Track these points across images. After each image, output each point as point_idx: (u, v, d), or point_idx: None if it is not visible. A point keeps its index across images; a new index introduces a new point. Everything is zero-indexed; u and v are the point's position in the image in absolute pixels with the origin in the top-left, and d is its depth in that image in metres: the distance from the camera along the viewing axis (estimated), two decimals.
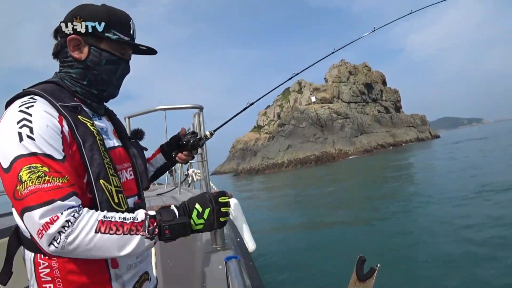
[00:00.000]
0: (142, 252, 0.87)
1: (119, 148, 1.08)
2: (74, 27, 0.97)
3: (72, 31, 0.97)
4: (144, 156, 1.28)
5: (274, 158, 58.13)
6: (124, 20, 1.03)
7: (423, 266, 5.54)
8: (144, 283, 1.07)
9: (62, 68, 1.03)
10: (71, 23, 0.97)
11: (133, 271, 1.01)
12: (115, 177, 0.95)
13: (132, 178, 1.11)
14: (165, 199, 4.29)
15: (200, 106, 2.86)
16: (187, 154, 1.42)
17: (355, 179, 22.43)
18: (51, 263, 0.88)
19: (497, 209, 8.11)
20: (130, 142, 1.20)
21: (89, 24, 0.97)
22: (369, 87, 72.23)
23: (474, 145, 33.64)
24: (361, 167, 31.37)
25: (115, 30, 1.00)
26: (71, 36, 0.97)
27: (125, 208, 0.97)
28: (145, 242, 0.84)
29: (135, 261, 1.02)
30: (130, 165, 1.12)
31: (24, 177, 0.76)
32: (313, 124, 61.29)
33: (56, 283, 0.88)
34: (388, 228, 8.33)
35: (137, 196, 1.12)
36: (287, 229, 10.36)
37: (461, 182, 12.79)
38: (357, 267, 1.60)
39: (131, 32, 1.05)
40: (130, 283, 1.00)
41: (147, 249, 0.87)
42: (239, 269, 1.32)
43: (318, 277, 5.83)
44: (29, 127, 0.81)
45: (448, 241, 6.46)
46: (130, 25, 1.04)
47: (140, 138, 1.33)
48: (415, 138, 66.43)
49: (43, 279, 0.88)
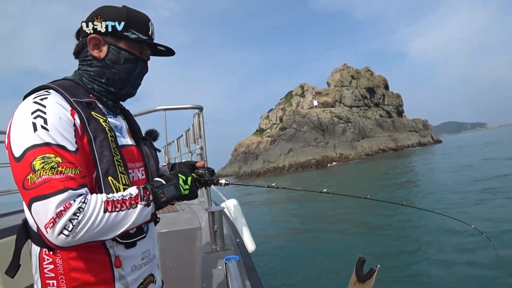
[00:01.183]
0: (142, 221, 0.90)
1: (132, 147, 1.09)
2: (95, 26, 1.00)
3: (92, 31, 1.00)
4: (157, 156, 1.28)
5: (275, 162, 58.09)
6: (143, 21, 1.06)
7: (423, 267, 5.52)
8: (149, 286, 1.06)
9: (81, 67, 1.05)
10: (92, 22, 1.00)
11: (137, 272, 1.01)
12: (124, 175, 0.96)
13: (143, 178, 1.12)
14: None
15: (200, 106, 2.87)
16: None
17: (353, 182, 22.38)
18: (55, 259, 0.88)
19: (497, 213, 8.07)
20: (144, 142, 1.20)
21: (109, 24, 1.00)
22: (371, 91, 72.24)
23: (474, 151, 33.54)
24: (359, 171, 31.35)
25: (134, 29, 1.02)
26: (91, 35, 1.00)
27: None
28: (144, 211, 0.89)
29: (140, 262, 1.02)
30: (143, 164, 1.13)
31: (37, 166, 0.77)
32: (314, 128, 61.29)
33: (59, 279, 0.88)
34: (388, 228, 8.31)
35: None
36: (287, 229, 10.35)
37: (457, 185, 12.77)
38: (356, 268, 1.59)
39: (150, 33, 1.07)
40: (134, 284, 1.00)
41: (146, 218, 0.91)
42: (238, 269, 1.32)
43: (318, 277, 5.82)
44: (43, 118, 0.83)
45: (449, 244, 6.42)
46: (149, 26, 1.07)
47: (155, 138, 1.32)
48: (417, 142, 66.32)
49: (47, 275, 0.89)
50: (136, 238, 0.99)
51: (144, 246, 1.03)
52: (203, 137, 3.13)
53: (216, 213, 2.31)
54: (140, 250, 1.01)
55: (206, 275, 1.93)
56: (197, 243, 2.45)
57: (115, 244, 0.94)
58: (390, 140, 63.25)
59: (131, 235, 0.97)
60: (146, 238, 1.04)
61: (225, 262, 1.38)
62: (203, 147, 3.11)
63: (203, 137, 3.13)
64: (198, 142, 3.29)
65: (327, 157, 54.11)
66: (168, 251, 2.44)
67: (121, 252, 0.95)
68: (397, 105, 75.74)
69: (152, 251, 1.09)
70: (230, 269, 1.32)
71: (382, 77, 77.64)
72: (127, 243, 0.96)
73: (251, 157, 68.25)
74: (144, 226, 1.04)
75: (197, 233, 2.47)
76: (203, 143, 3.13)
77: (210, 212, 2.33)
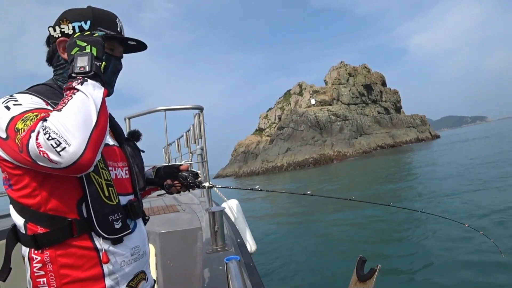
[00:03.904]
0: (100, 96, 0.88)
1: (114, 147, 1.11)
2: (62, 29, 1.02)
3: (60, 34, 1.02)
4: (141, 157, 1.31)
5: (273, 161, 58.13)
6: (110, 18, 1.07)
7: (423, 267, 5.53)
8: (140, 283, 1.08)
9: (55, 72, 1.08)
10: (59, 26, 1.02)
11: (127, 268, 1.02)
12: (105, 170, 0.98)
13: (127, 177, 1.13)
14: (166, 200, 4.29)
15: (201, 106, 2.87)
16: (179, 186, 1.42)
17: (351, 180, 22.44)
18: (43, 257, 0.90)
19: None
20: (127, 143, 1.22)
21: (75, 25, 1.01)
22: (369, 88, 72.25)
23: (470, 145, 33.63)
24: (356, 168, 31.42)
25: (101, 27, 1.03)
26: (60, 39, 1.02)
27: (116, 202, 0.99)
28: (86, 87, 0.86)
29: (129, 258, 1.03)
30: (127, 164, 1.15)
31: (19, 126, 0.80)
32: (311, 126, 61.27)
33: (49, 277, 0.90)
34: (389, 228, 8.32)
35: (133, 195, 1.14)
36: (287, 229, 10.36)
37: (452, 182, 12.82)
38: (357, 268, 1.60)
39: (118, 29, 1.09)
40: (125, 280, 1.01)
41: (100, 93, 0.88)
42: (239, 269, 1.32)
43: (319, 277, 5.82)
44: (15, 99, 0.88)
45: (449, 243, 6.44)
46: (116, 22, 1.08)
47: (137, 139, 1.35)
48: (415, 138, 66.39)
49: (36, 273, 0.90)
50: (122, 234, 1.00)
51: (132, 242, 1.05)
52: (203, 137, 3.14)
53: (217, 213, 2.32)
54: (128, 246, 1.03)
55: (206, 275, 1.94)
56: (198, 243, 2.46)
57: (101, 240, 0.95)
58: (388, 137, 63.32)
59: (118, 231, 0.98)
60: (134, 234, 1.06)
61: (226, 262, 1.38)
62: (203, 147, 3.12)
63: (203, 138, 3.14)
64: (199, 142, 3.29)
65: (324, 155, 54.14)
66: (168, 251, 2.45)
67: (108, 248, 0.97)
68: (394, 101, 75.78)
69: (142, 247, 1.10)
70: (230, 269, 1.33)
71: (379, 73, 77.64)
72: (113, 239, 0.97)
73: (250, 157, 68.21)
74: (130, 223, 1.05)
75: (197, 233, 2.48)
76: (204, 143, 3.13)
77: (211, 212, 2.34)
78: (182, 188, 1.42)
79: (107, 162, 1.02)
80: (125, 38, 1.10)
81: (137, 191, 1.16)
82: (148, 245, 1.18)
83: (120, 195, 1.03)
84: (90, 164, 0.82)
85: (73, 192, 0.92)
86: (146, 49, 1.18)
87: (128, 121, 3.03)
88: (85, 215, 0.93)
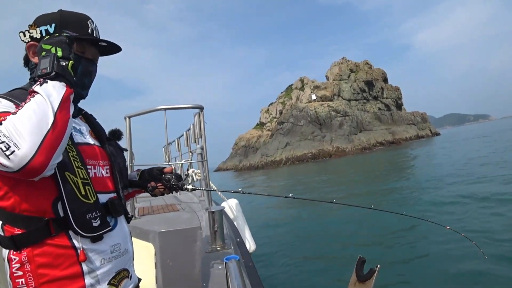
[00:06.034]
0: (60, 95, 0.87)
1: (93, 146, 1.12)
2: (31, 34, 1.03)
3: (30, 39, 1.04)
4: (123, 156, 1.32)
5: (272, 156, 58.23)
6: (79, 20, 1.09)
7: (423, 267, 5.54)
8: (123, 280, 1.08)
9: (31, 75, 1.09)
10: (28, 31, 1.04)
11: (107, 265, 1.02)
12: (82, 169, 0.98)
13: (108, 175, 1.15)
14: (166, 199, 4.30)
15: (201, 106, 2.86)
16: (163, 188, 1.43)
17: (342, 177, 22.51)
18: (21, 257, 0.90)
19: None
20: (109, 142, 1.24)
21: (42, 29, 1.03)
22: (370, 85, 72.05)
23: (467, 144, 33.59)
24: (353, 164, 31.45)
25: (68, 29, 1.04)
26: (29, 43, 1.04)
27: (93, 200, 0.99)
28: (46, 88, 0.85)
29: (109, 255, 1.03)
30: (108, 163, 1.16)
31: None
32: (311, 122, 61.26)
33: (27, 277, 0.90)
34: (389, 228, 8.33)
35: (114, 193, 1.15)
36: (287, 229, 10.37)
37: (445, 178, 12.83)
38: (357, 268, 1.61)
39: (89, 30, 1.09)
40: (105, 278, 1.01)
41: (60, 92, 0.87)
42: (238, 269, 1.33)
43: (318, 277, 5.84)
44: None
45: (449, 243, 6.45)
46: (87, 24, 1.09)
47: (118, 138, 1.36)
48: (415, 135, 66.35)
49: (15, 274, 0.91)
50: (102, 231, 1.00)
51: (112, 239, 1.05)
52: (203, 136, 3.13)
53: (216, 212, 2.32)
54: (108, 243, 1.03)
55: (206, 275, 1.95)
56: (197, 242, 2.46)
57: (79, 238, 0.95)
58: (387, 133, 63.22)
59: (96, 228, 0.98)
60: (114, 232, 1.06)
61: (225, 261, 1.39)
62: (203, 147, 3.11)
63: (203, 137, 3.13)
64: (199, 141, 3.29)
65: (323, 151, 54.20)
66: (168, 250, 2.45)
67: (87, 246, 0.97)
68: (396, 98, 75.61)
69: (124, 245, 1.10)
70: (230, 268, 1.33)
71: (381, 70, 77.37)
72: (92, 237, 0.98)
73: (251, 151, 68.33)
74: (110, 220, 1.06)
75: (197, 232, 2.48)
76: (204, 142, 3.13)
77: (210, 212, 2.34)
78: (165, 190, 1.43)
79: (86, 161, 1.03)
80: (96, 40, 1.11)
81: (119, 189, 1.18)
82: (131, 243, 1.18)
83: (100, 193, 1.04)
84: (43, 168, 0.81)
85: (48, 192, 0.92)
86: (120, 51, 1.19)
87: (128, 120, 3.02)
88: (62, 214, 0.93)
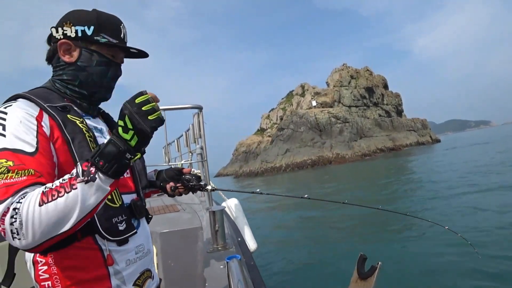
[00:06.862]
0: (97, 201, 0.79)
1: None
2: (65, 32, 1.00)
3: (62, 36, 1.00)
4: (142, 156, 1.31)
5: (272, 162, 58.15)
6: (114, 24, 1.06)
7: (423, 267, 5.52)
8: (147, 281, 1.08)
9: (54, 73, 1.06)
10: (62, 28, 1.00)
11: (132, 267, 1.02)
12: None
13: (128, 176, 1.14)
14: (166, 200, 4.29)
15: (200, 106, 2.87)
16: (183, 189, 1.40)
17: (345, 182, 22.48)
18: (48, 260, 0.90)
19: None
20: None
21: (78, 29, 1.00)
22: (370, 91, 72.19)
23: (468, 151, 33.59)
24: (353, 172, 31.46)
25: (104, 33, 1.02)
26: (61, 41, 1.00)
27: (119, 204, 0.99)
28: (89, 189, 0.77)
29: (134, 256, 1.03)
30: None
31: None
32: (311, 128, 61.23)
33: (54, 279, 0.90)
34: (390, 228, 8.31)
35: (135, 193, 1.14)
36: (288, 228, 10.35)
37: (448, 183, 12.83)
38: (358, 266, 1.60)
39: (122, 35, 1.07)
40: (131, 279, 1.01)
41: (100, 197, 0.80)
42: (240, 268, 1.32)
43: (320, 275, 5.82)
44: (2, 124, 0.83)
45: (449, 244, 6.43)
46: (120, 29, 1.07)
47: None
48: (415, 142, 66.26)
49: (41, 276, 0.90)
50: (127, 235, 1.00)
51: (136, 241, 1.05)
52: (203, 136, 3.14)
53: (217, 212, 2.32)
54: (133, 245, 1.03)
55: (207, 275, 1.94)
56: (199, 242, 2.46)
57: (106, 241, 0.95)
58: (388, 140, 63.18)
59: (122, 232, 0.98)
60: (138, 234, 1.06)
61: (227, 261, 1.39)
62: (203, 147, 3.12)
63: (203, 137, 3.14)
64: (198, 142, 3.30)
65: (323, 157, 54.11)
66: (169, 251, 2.45)
67: (113, 248, 0.97)
68: (396, 104, 75.69)
69: (146, 245, 1.11)
70: (231, 268, 1.33)
71: (381, 76, 77.60)
72: (118, 240, 0.97)
73: (251, 157, 68.29)
74: (134, 222, 1.06)
75: (198, 232, 2.48)
76: (203, 142, 3.14)
77: (211, 212, 2.34)
78: (185, 191, 1.42)
79: None
80: (128, 47, 1.09)
81: (139, 190, 1.17)
82: (151, 243, 1.19)
83: (123, 194, 1.03)
84: (39, 251, 0.82)
85: None
86: (147, 57, 1.16)
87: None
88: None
